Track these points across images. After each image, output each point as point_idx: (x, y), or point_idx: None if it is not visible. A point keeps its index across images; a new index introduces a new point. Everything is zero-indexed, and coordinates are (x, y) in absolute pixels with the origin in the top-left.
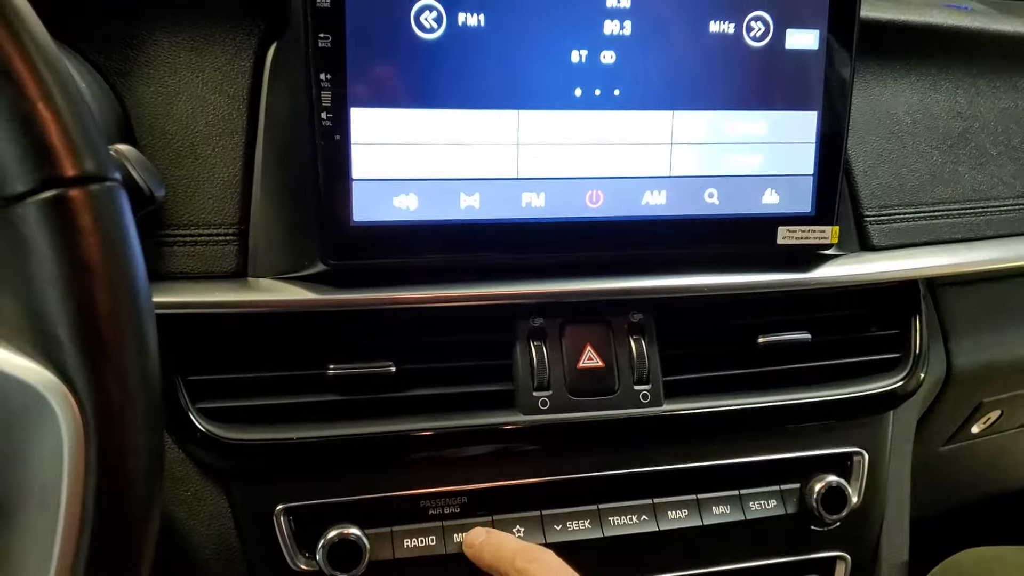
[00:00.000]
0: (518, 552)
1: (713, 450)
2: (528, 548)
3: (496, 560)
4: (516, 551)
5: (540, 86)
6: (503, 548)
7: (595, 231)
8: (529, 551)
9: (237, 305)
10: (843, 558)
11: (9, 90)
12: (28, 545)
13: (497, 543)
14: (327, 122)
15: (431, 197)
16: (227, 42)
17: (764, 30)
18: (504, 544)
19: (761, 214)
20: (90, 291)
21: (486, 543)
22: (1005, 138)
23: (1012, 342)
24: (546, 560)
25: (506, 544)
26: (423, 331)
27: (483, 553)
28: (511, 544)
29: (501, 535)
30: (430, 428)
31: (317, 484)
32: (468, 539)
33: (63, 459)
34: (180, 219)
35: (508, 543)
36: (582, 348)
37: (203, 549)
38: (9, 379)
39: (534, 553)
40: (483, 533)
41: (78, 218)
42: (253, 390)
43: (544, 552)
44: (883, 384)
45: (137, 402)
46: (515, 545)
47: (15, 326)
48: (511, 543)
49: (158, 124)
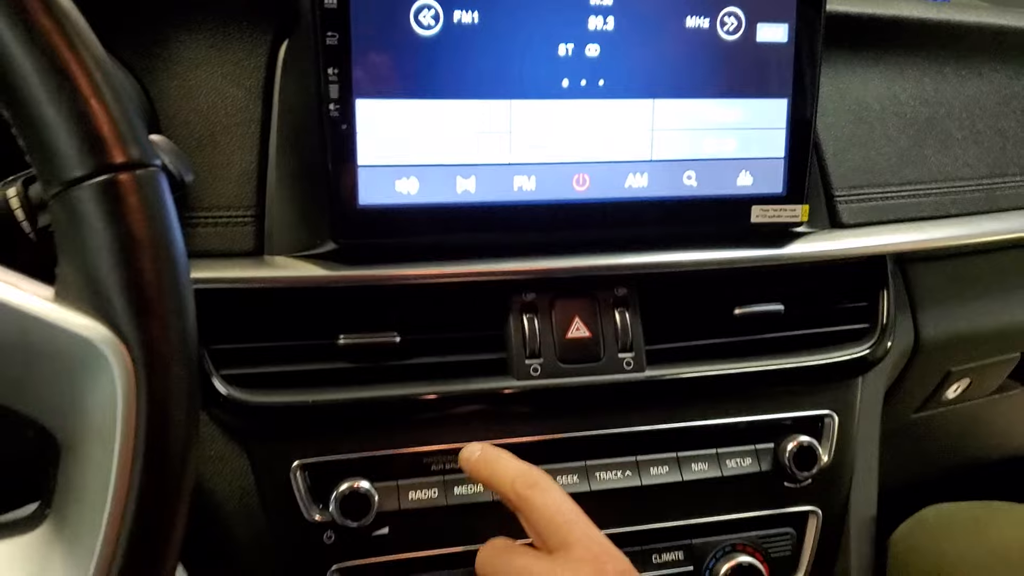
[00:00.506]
0: (518, 476)
1: (692, 412)
2: (527, 471)
3: (495, 480)
4: (516, 474)
5: (530, 77)
6: (501, 468)
7: (582, 212)
8: (528, 475)
9: (255, 281)
10: (815, 512)
11: (67, 90)
12: (89, 475)
13: (494, 460)
14: (335, 113)
15: (430, 181)
16: (243, 40)
17: (737, 24)
18: (501, 463)
19: (736, 195)
20: (138, 260)
21: (482, 460)
22: (970, 123)
23: (977, 314)
24: (545, 486)
25: (504, 464)
26: (425, 304)
27: (480, 470)
28: (510, 465)
29: (497, 452)
30: (432, 392)
31: (330, 442)
32: (464, 455)
33: (117, 402)
34: (202, 202)
35: (505, 463)
36: (571, 320)
37: (226, 503)
38: (71, 335)
39: (534, 477)
40: (478, 448)
41: (127, 198)
42: (271, 358)
43: (542, 476)
44: (852, 352)
45: (178, 354)
46: (514, 467)
47: (75, 290)
48: (509, 464)
49: (181, 115)
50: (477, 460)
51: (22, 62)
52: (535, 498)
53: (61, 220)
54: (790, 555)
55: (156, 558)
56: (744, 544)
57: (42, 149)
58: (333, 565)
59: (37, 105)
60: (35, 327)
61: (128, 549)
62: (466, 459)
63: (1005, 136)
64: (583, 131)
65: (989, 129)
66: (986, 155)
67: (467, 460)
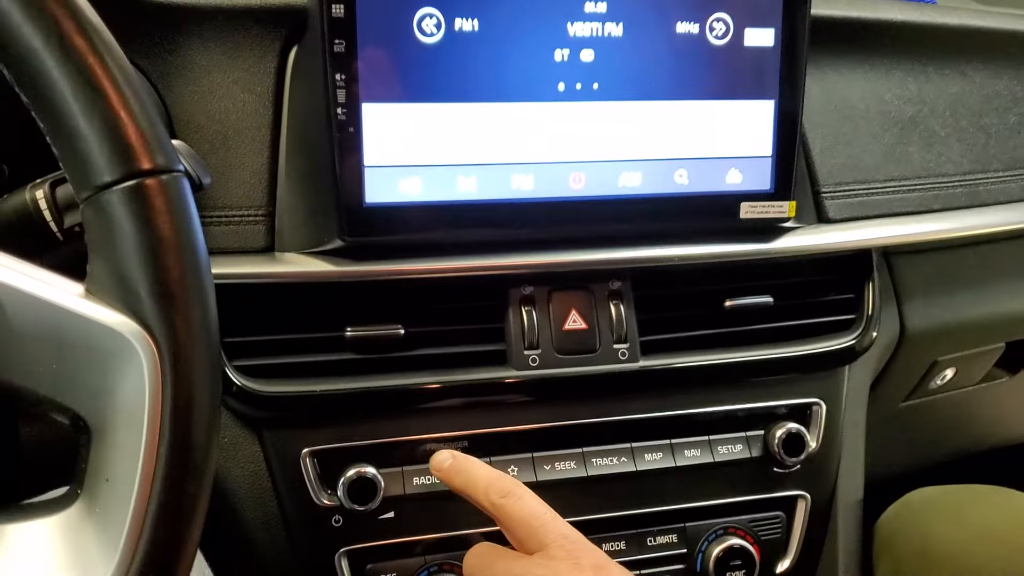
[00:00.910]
0: (491, 484)
1: (685, 400)
2: (500, 479)
3: (468, 488)
4: (489, 483)
5: (527, 81)
6: (474, 477)
7: (578, 209)
8: (501, 483)
9: (267, 276)
10: (803, 496)
11: (99, 104)
12: (118, 457)
13: (466, 470)
14: (342, 116)
15: (432, 180)
16: (254, 47)
17: (725, 29)
18: (474, 472)
19: (726, 192)
20: (164, 259)
21: (454, 469)
22: (953, 120)
23: (960, 305)
24: (518, 494)
25: (476, 472)
26: (428, 298)
27: (453, 479)
28: (482, 473)
29: (469, 460)
30: (435, 382)
31: (337, 430)
32: (435, 461)
33: (145, 390)
34: (216, 202)
35: (478, 471)
36: (567, 312)
37: (239, 488)
38: (102, 328)
39: (507, 486)
40: (448, 456)
41: (154, 202)
42: (281, 349)
43: (516, 485)
44: (838, 342)
45: (201, 346)
46: (486, 475)
47: (105, 286)
48: (481, 472)
49: (195, 119)
50: (449, 468)
51: (58, 78)
52: (509, 506)
53: (92, 222)
54: (780, 538)
55: (180, 534)
56: (735, 527)
57: (76, 157)
58: (341, 547)
59: (72, 118)
60: (69, 321)
61: (154, 525)
62: (437, 467)
63: (987, 133)
64: (578, 132)
65: (972, 126)
66: (969, 151)
67: (439, 469)
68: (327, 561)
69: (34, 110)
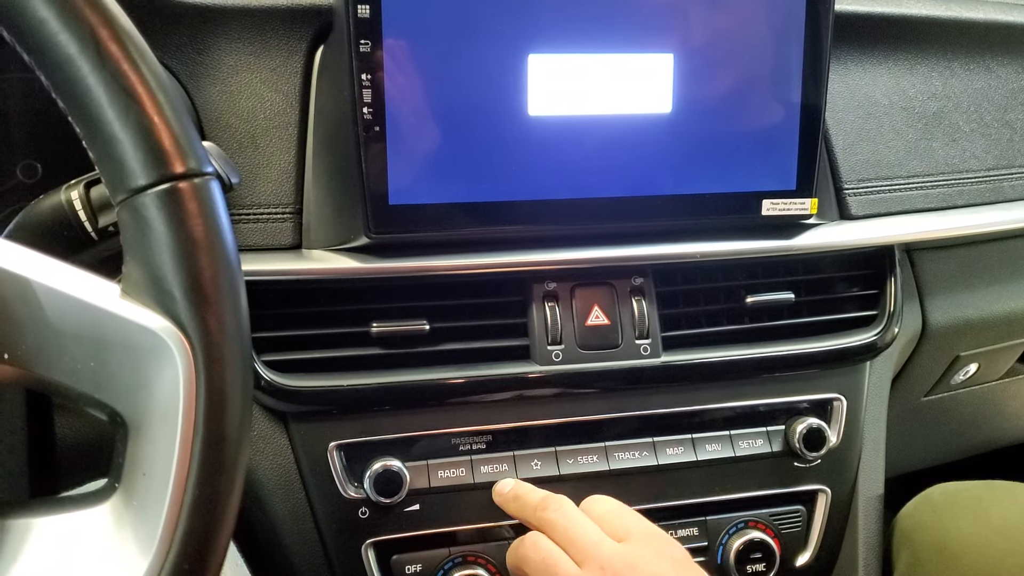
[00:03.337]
0: (540, 501)
1: (706, 396)
2: (548, 497)
3: (522, 512)
4: (538, 500)
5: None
6: (527, 500)
7: (601, 206)
8: (548, 500)
9: (295, 273)
10: (824, 491)
11: (134, 110)
12: (154, 452)
13: (523, 496)
14: (368, 115)
15: (456, 179)
16: (280, 47)
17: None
18: (528, 496)
19: (748, 189)
20: (196, 259)
21: (512, 497)
22: (977, 116)
23: (983, 301)
24: (565, 510)
25: (530, 496)
26: (452, 294)
27: (509, 505)
28: (534, 495)
29: (526, 488)
30: (460, 377)
31: (364, 424)
32: (497, 488)
33: (179, 387)
34: (244, 200)
35: (532, 495)
36: (590, 308)
37: (268, 481)
38: (138, 327)
39: (555, 503)
40: (510, 484)
41: (186, 204)
42: (308, 345)
43: (564, 502)
44: (860, 338)
45: (233, 343)
46: (538, 496)
47: (141, 287)
48: (535, 494)
49: (223, 119)
50: (508, 493)
51: (93, 85)
52: (556, 519)
53: (127, 224)
54: (800, 531)
55: (215, 526)
56: (756, 521)
57: (111, 161)
58: (368, 539)
59: (108, 124)
60: (106, 321)
61: (190, 517)
62: (499, 492)
63: (1013, 128)
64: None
65: (996, 122)
66: (993, 147)
67: (500, 494)
68: (354, 552)
69: (71, 115)
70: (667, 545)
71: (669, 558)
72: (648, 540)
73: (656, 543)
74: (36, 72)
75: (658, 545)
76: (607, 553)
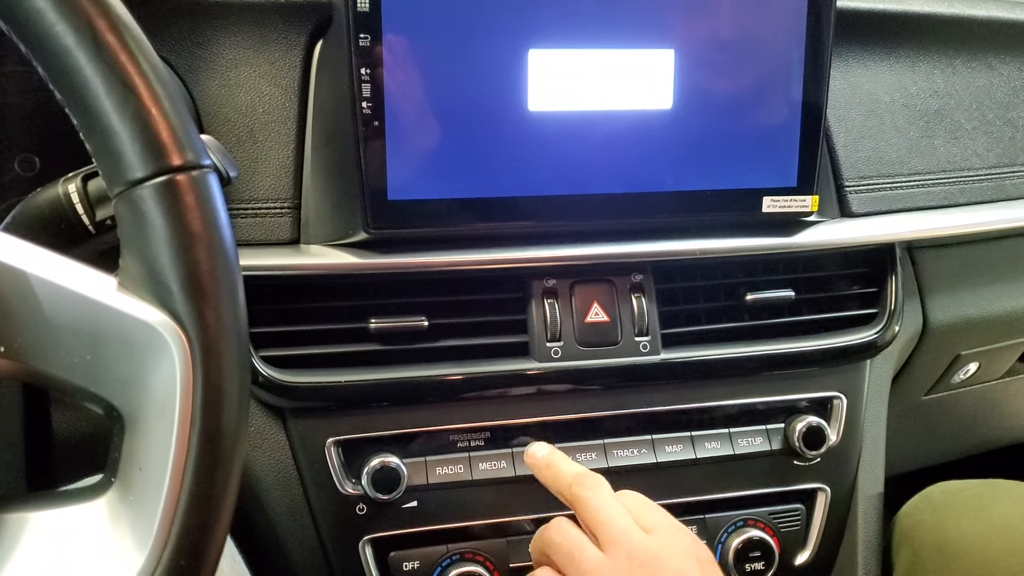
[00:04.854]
0: (576, 476)
1: (705, 394)
2: (585, 474)
3: (554, 482)
4: (574, 475)
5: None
6: (562, 470)
7: (600, 202)
8: (585, 476)
9: (293, 268)
10: (823, 489)
11: (132, 102)
12: (151, 445)
13: (558, 465)
14: (367, 110)
15: (456, 174)
16: (279, 41)
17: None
18: (564, 468)
19: (748, 186)
20: (194, 253)
21: (545, 460)
22: (979, 113)
23: (984, 300)
24: (600, 489)
25: (566, 468)
26: (451, 290)
27: (542, 470)
28: (570, 468)
29: (562, 458)
30: (458, 373)
31: (362, 420)
32: (531, 451)
33: (176, 381)
34: (243, 195)
35: (568, 467)
36: (589, 305)
37: (265, 476)
38: (136, 321)
39: (590, 480)
40: (546, 449)
41: (184, 197)
42: (306, 340)
43: (600, 481)
44: (860, 336)
45: (230, 338)
46: (574, 469)
47: (138, 280)
48: (571, 467)
49: (222, 113)
50: (541, 459)
51: (90, 76)
52: (590, 498)
53: (125, 217)
54: (800, 530)
55: (212, 521)
56: (755, 519)
57: (108, 153)
58: (365, 535)
59: (105, 115)
60: (103, 315)
61: (186, 512)
62: (532, 455)
63: (1015, 126)
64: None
65: (999, 119)
66: (995, 145)
67: (533, 456)
68: (351, 548)
69: (68, 107)
70: (693, 544)
71: (695, 557)
72: (675, 537)
73: (684, 541)
74: (33, 63)
75: (685, 543)
76: (635, 542)
